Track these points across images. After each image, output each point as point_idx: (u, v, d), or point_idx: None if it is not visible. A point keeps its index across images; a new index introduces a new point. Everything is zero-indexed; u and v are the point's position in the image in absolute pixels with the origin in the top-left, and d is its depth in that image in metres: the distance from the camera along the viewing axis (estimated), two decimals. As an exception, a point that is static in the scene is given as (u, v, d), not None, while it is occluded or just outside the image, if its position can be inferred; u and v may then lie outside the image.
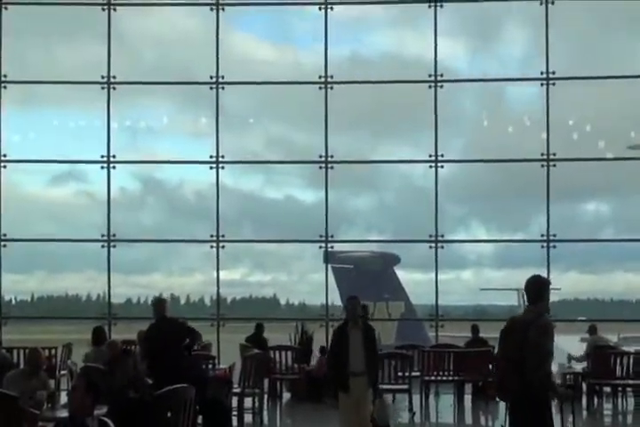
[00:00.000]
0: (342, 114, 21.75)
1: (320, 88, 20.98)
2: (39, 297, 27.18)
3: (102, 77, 21.15)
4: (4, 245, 21.33)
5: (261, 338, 19.52)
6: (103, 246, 21.16)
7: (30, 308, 26.57)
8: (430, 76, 20.90)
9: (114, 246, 21.17)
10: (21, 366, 14.25)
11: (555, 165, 20.64)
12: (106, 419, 8.60)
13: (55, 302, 27.54)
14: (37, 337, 22.31)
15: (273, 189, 24.64)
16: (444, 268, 21.57)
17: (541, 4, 20.68)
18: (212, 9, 21.25)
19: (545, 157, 20.67)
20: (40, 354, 12.30)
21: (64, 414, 9.53)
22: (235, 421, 14.87)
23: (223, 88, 21.20)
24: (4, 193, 21.48)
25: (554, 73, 20.69)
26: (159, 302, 13.96)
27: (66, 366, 18.07)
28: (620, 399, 18.78)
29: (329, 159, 21.03)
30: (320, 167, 21.09)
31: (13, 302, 24.73)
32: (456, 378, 18.53)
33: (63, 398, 11.99)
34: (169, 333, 13.40)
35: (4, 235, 21.33)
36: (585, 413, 17.87)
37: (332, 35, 21.41)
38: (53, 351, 18.39)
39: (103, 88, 21.18)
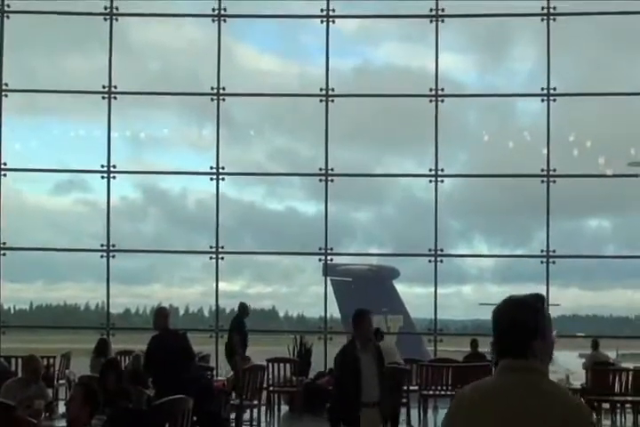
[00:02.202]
0: (346, 126, 21.80)
1: (321, 101, 20.99)
2: (38, 306, 27.18)
3: (103, 87, 21.14)
4: (4, 254, 21.29)
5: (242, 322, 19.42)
6: (102, 256, 21.12)
7: (29, 317, 26.56)
8: (431, 90, 20.91)
9: (113, 256, 21.14)
10: (19, 375, 14.19)
11: (554, 181, 20.63)
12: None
13: (54, 312, 27.53)
14: (36, 346, 22.23)
15: (274, 200, 24.70)
16: (445, 282, 21.57)
17: (543, 20, 20.71)
18: (213, 20, 21.27)
19: (545, 172, 20.67)
20: (37, 361, 12.26)
21: (62, 423, 9.53)
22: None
23: (224, 99, 21.20)
24: (4, 201, 21.44)
25: (555, 89, 20.71)
26: (161, 313, 13.70)
27: (64, 376, 18.06)
28: (618, 416, 18.74)
29: (329, 172, 21.02)
30: (320, 180, 21.06)
31: (12, 310, 24.73)
32: (454, 393, 18.47)
33: (61, 407, 11.98)
34: (172, 345, 13.24)
35: (4, 243, 21.28)
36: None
37: (338, 47, 21.51)
38: (52, 361, 18.36)
39: (104, 98, 21.17)
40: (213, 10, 21.21)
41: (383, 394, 10.52)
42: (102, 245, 21.12)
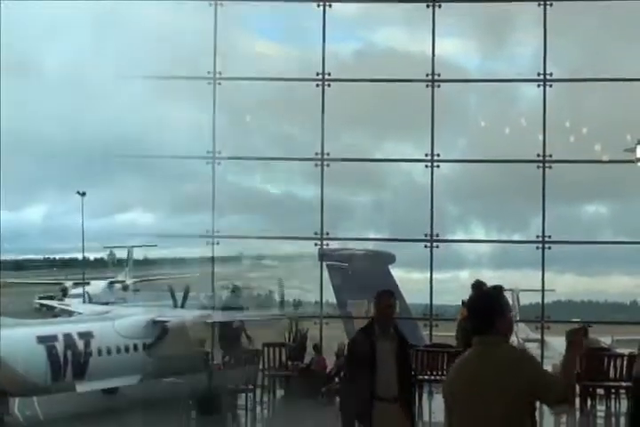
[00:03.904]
0: (343, 111, 21.74)
1: (317, 85, 20.93)
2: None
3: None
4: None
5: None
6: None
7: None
8: (427, 75, 20.86)
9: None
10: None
11: (551, 167, 20.62)
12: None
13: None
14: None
15: (272, 184, 24.65)
16: (441, 267, 21.55)
17: (539, 5, 20.65)
18: (210, 4, 21.18)
19: (541, 158, 20.65)
20: None
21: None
22: (229, 416, 14.91)
23: (220, 84, 21.13)
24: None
25: (551, 75, 20.67)
26: None
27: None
28: (613, 401, 18.79)
29: (325, 157, 20.98)
30: (316, 165, 21.03)
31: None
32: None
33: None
34: None
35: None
36: (578, 414, 17.88)
37: (336, 32, 21.43)
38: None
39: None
40: (210, -7, 21.15)
41: (402, 389, 9.21)
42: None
